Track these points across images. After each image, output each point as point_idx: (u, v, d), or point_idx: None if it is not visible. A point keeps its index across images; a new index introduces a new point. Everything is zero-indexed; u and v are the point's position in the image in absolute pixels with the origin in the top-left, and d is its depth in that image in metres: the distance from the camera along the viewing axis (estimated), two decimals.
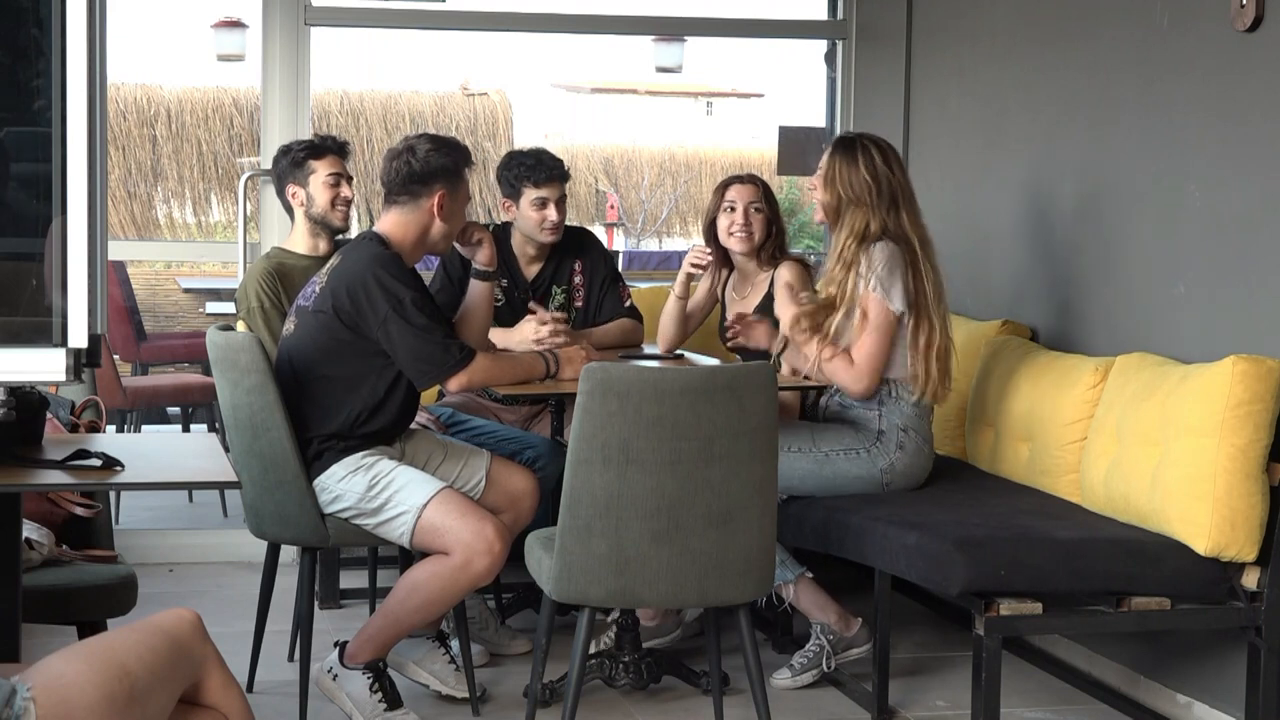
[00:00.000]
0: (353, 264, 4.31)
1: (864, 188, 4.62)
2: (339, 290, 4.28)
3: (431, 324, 4.28)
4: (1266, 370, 4.03)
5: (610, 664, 4.56)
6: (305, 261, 5.06)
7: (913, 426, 4.65)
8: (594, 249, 5.45)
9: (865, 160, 4.65)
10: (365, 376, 4.32)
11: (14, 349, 2.78)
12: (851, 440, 4.65)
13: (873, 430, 4.65)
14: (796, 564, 4.77)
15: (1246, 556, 4.04)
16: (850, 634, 4.80)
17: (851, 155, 4.66)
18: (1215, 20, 4.41)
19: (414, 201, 4.38)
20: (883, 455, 4.63)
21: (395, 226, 4.39)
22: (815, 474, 4.62)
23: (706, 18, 7.13)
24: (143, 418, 7.82)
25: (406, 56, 19.18)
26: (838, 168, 4.67)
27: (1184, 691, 4.51)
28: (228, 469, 3.41)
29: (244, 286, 5.13)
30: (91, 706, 2.45)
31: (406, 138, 4.48)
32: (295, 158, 5.17)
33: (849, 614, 4.82)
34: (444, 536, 4.25)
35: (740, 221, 5.17)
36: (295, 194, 5.17)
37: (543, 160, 5.19)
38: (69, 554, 3.97)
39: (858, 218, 4.63)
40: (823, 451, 4.64)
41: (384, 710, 4.30)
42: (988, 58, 5.75)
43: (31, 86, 2.75)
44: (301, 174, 5.15)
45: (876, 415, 4.66)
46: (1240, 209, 4.36)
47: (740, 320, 5.09)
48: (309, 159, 5.14)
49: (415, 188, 4.37)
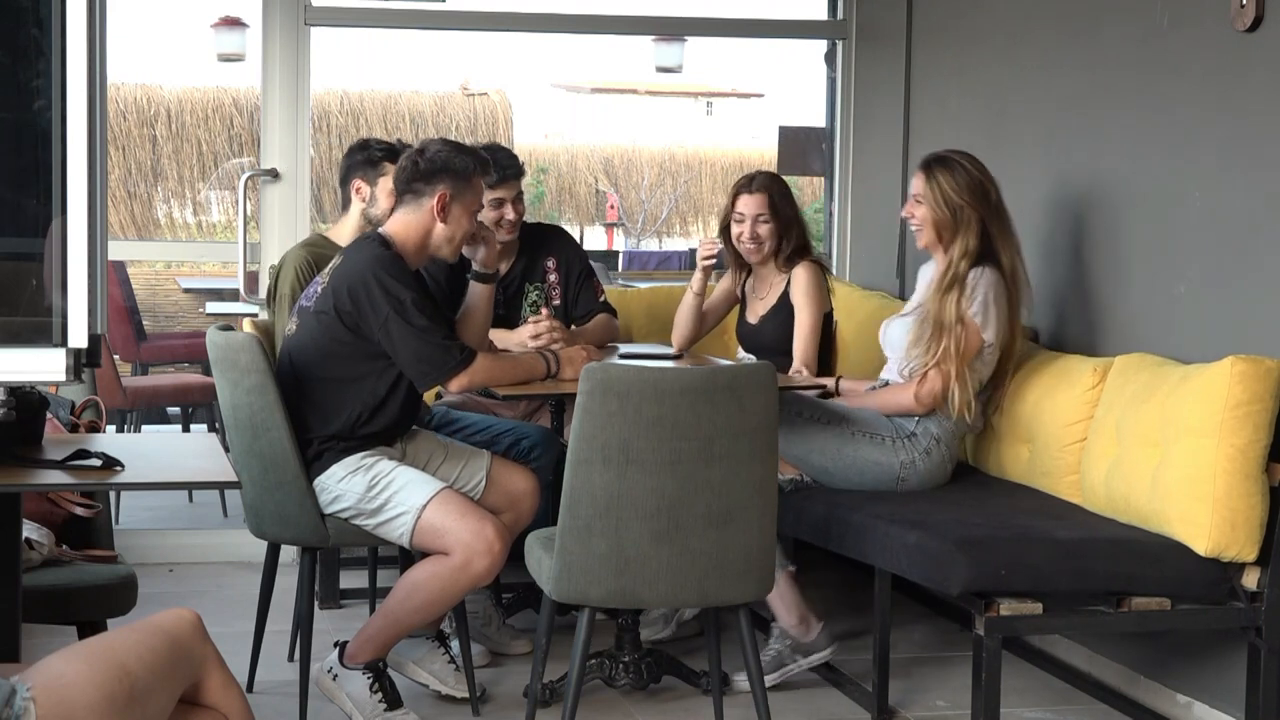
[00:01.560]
0: (354, 264, 4.30)
1: (975, 199, 4.61)
2: (340, 290, 4.28)
3: (432, 325, 4.28)
4: (1266, 370, 4.03)
5: (610, 664, 4.56)
6: None
7: (945, 441, 4.67)
8: (567, 245, 5.41)
9: (964, 174, 4.64)
10: (366, 377, 4.32)
11: (14, 349, 2.78)
12: (881, 428, 4.66)
13: (907, 428, 4.66)
14: (785, 559, 4.76)
15: (1246, 557, 4.04)
16: (809, 639, 4.77)
17: (953, 168, 4.65)
18: (1215, 20, 4.41)
19: (416, 200, 4.37)
20: (907, 452, 4.63)
21: (399, 227, 4.39)
22: (836, 450, 4.62)
23: (706, 18, 7.13)
24: (143, 418, 7.82)
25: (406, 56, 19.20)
26: (943, 182, 4.64)
27: (1184, 691, 4.51)
28: (228, 469, 3.41)
29: (280, 270, 5.04)
30: (91, 706, 2.45)
31: (425, 139, 4.48)
32: (372, 155, 5.08)
33: (813, 618, 4.78)
34: (444, 537, 4.25)
35: (748, 233, 5.18)
36: (360, 189, 5.08)
37: (496, 159, 5.11)
38: (69, 554, 3.97)
39: (971, 235, 4.61)
40: (849, 430, 4.64)
41: (384, 710, 4.30)
42: (988, 58, 5.75)
43: (31, 86, 2.75)
44: (374, 173, 5.06)
45: (915, 419, 4.67)
46: (1240, 209, 4.36)
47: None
48: (385, 160, 5.05)
49: (418, 185, 4.36)
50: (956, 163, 4.66)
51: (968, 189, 4.62)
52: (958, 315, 4.57)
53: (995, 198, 4.66)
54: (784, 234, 5.19)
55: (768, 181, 5.24)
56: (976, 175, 4.65)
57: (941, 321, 4.59)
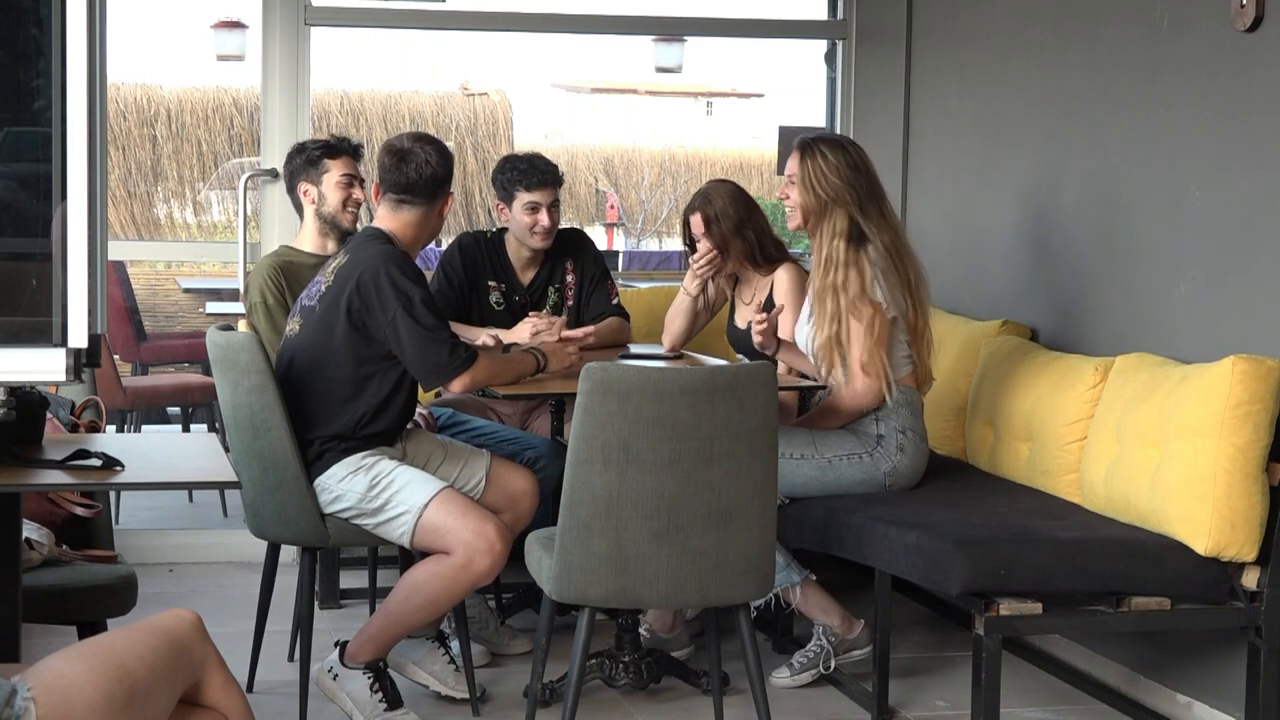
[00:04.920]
0: (364, 260, 4.30)
1: (843, 185, 4.61)
2: (349, 286, 4.28)
3: (439, 324, 4.29)
4: (1266, 370, 4.03)
5: (610, 664, 4.56)
6: (313, 260, 5.03)
7: (910, 427, 4.65)
8: (586, 248, 5.47)
9: (837, 158, 4.63)
10: (370, 378, 4.32)
11: (14, 349, 2.78)
12: (853, 445, 4.65)
13: (872, 435, 4.65)
14: (801, 568, 4.76)
15: (1246, 556, 4.04)
16: (852, 636, 4.80)
17: (822, 154, 4.64)
18: (1215, 20, 4.41)
19: (429, 205, 4.42)
20: (885, 459, 4.63)
21: (405, 226, 4.40)
22: (818, 480, 4.62)
23: (706, 18, 7.14)
24: (143, 418, 7.82)
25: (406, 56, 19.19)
26: (811, 168, 4.64)
27: (1184, 691, 4.51)
28: (228, 469, 3.41)
29: (249, 282, 5.12)
30: (91, 706, 2.45)
31: (403, 136, 4.49)
32: (310, 155, 5.14)
33: (852, 616, 4.82)
34: (445, 537, 4.25)
35: (702, 251, 5.16)
36: (307, 191, 5.14)
37: (535, 165, 5.20)
38: (69, 554, 3.97)
39: (839, 217, 4.61)
40: (825, 458, 4.63)
41: (384, 710, 4.30)
42: (988, 58, 5.75)
43: (31, 86, 2.75)
44: (315, 172, 5.12)
45: (874, 419, 4.65)
46: (1241, 209, 4.36)
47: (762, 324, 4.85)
48: (324, 158, 5.12)
49: (435, 190, 4.42)
50: (829, 151, 4.64)
51: (838, 173, 4.61)
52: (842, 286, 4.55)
53: (867, 183, 4.64)
54: (724, 247, 5.12)
55: (700, 201, 5.17)
56: (849, 159, 4.63)
57: (824, 297, 4.58)
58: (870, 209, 4.63)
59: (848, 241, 4.59)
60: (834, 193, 4.61)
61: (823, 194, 4.62)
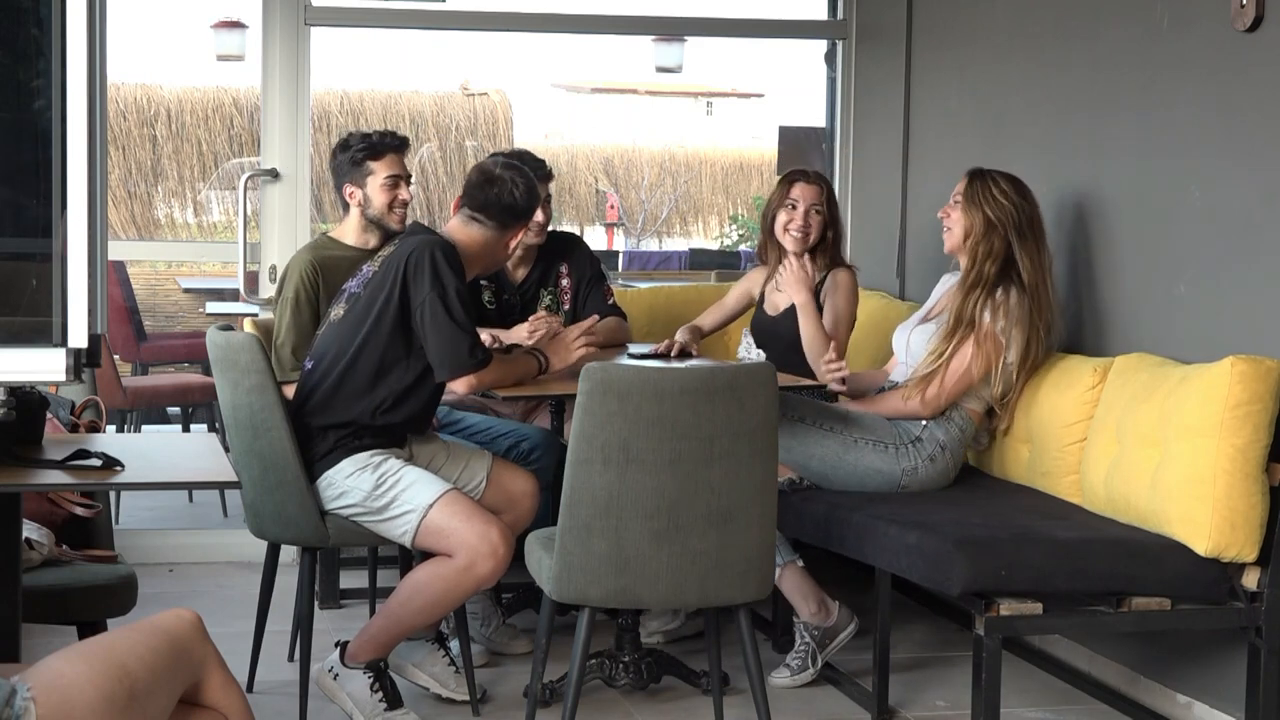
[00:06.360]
0: (415, 243, 4.33)
1: (1009, 206, 4.69)
2: (399, 260, 4.30)
3: (468, 320, 4.30)
4: (1266, 370, 4.03)
5: (610, 664, 4.56)
6: (353, 254, 4.91)
7: (951, 448, 4.69)
8: (580, 252, 5.47)
9: (1006, 184, 4.74)
10: (396, 363, 4.32)
11: (14, 349, 2.78)
12: (885, 434, 4.67)
13: (911, 433, 4.67)
14: (791, 550, 4.77)
15: (1246, 557, 4.04)
16: (830, 622, 4.80)
17: (992, 179, 4.75)
18: (1215, 20, 4.41)
19: (500, 231, 4.46)
20: (909, 458, 4.64)
21: (471, 242, 4.42)
22: (838, 457, 4.63)
23: (706, 18, 7.14)
24: (143, 418, 7.83)
25: (406, 56, 19.20)
26: (980, 188, 4.73)
27: (1184, 691, 4.51)
28: (228, 469, 3.41)
29: (286, 273, 4.97)
30: (91, 706, 2.45)
31: (499, 160, 4.58)
32: (354, 157, 4.96)
33: (829, 600, 4.81)
34: (448, 538, 4.25)
35: (799, 222, 5.19)
36: (352, 194, 4.97)
37: (524, 161, 5.16)
38: (69, 554, 3.97)
39: (995, 239, 4.68)
40: (852, 437, 4.65)
41: (384, 710, 4.30)
42: (988, 58, 5.75)
43: (31, 86, 2.75)
44: (359, 174, 4.95)
45: (921, 423, 4.68)
46: (1240, 209, 4.36)
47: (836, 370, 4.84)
48: (367, 159, 4.94)
49: (509, 219, 4.46)
50: (1002, 174, 4.77)
51: (1006, 196, 4.71)
52: (974, 317, 4.64)
53: (1030, 213, 4.73)
54: (829, 229, 5.22)
55: (823, 176, 5.31)
56: (1017, 187, 4.74)
57: (961, 318, 4.66)
58: (1027, 238, 4.70)
59: (1000, 266, 4.66)
60: (998, 213, 4.69)
61: (987, 212, 4.69)
